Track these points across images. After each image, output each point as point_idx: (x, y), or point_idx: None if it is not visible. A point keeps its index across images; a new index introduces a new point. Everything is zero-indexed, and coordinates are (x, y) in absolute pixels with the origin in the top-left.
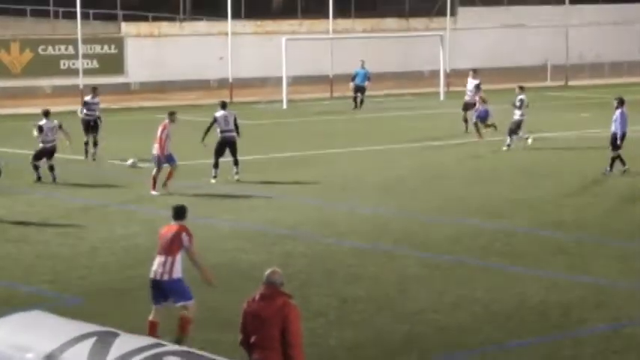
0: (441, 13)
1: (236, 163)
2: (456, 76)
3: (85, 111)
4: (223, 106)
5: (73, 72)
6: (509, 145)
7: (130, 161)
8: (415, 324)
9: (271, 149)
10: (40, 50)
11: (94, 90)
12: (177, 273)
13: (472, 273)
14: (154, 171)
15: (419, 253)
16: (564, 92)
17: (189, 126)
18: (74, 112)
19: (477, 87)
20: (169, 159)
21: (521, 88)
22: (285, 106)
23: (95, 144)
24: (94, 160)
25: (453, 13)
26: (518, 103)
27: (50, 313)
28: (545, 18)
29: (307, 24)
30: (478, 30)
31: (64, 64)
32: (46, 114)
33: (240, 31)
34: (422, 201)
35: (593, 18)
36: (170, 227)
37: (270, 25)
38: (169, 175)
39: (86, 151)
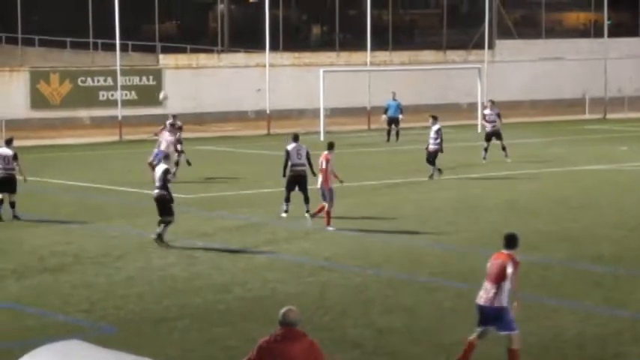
0: (479, 45)
1: (306, 200)
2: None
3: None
4: (295, 138)
5: (111, 103)
6: (431, 176)
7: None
8: (451, 356)
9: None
10: (79, 81)
11: (174, 117)
12: (503, 302)
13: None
14: (327, 205)
15: (455, 284)
16: (602, 125)
17: (228, 156)
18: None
19: (499, 115)
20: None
21: (435, 118)
22: (322, 138)
23: (176, 164)
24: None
25: (491, 46)
26: (434, 135)
27: (86, 342)
28: (583, 51)
29: (345, 56)
30: (516, 63)
31: (103, 96)
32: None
33: (278, 63)
34: (458, 232)
35: (632, 51)
36: (499, 255)
37: (308, 57)
38: (323, 212)
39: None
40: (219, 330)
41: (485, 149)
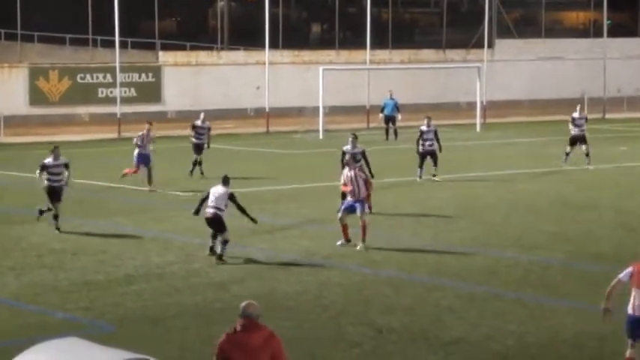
0: (479, 44)
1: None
2: (493, 107)
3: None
4: (355, 138)
5: (110, 100)
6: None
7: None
8: (449, 355)
9: (307, 179)
10: (78, 78)
11: (204, 115)
12: None
13: (507, 305)
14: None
15: (454, 284)
16: (602, 125)
17: (227, 154)
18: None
19: (586, 120)
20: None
21: (429, 118)
22: (321, 136)
23: (200, 163)
24: (201, 173)
25: (491, 45)
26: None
27: (85, 339)
28: (582, 51)
29: (344, 54)
30: (515, 62)
31: (102, 92)
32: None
33: (277, 61)
34: (457, 232)
35: (631, 51)
36: None
37: (307, 55)
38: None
39: (192, 171)
40: (217, 328)
41: (567, 153)
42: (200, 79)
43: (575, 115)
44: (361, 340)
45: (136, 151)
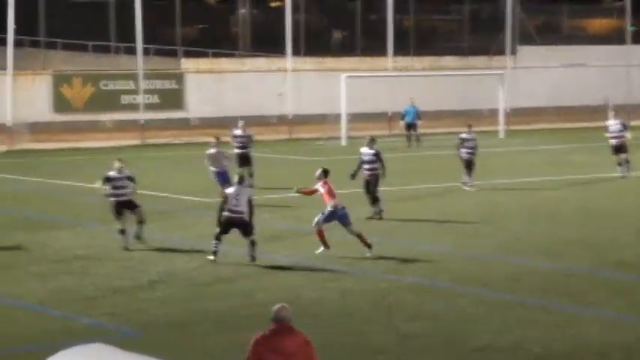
0: (501, 51)
1: (375, 200)
2: (516, 114)
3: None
4: (372, 141)
5: (133, 107)
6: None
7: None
8: None
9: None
10: (101, 85)
11: (242, 123)
12: None
13: (531, 312)
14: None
15: (478, 291)
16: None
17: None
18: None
19: (624, 126)
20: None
21: (470, 126)
22: (344, 143)
23: (251, 175)
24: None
25: (513, 52)
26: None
27: (110, 345)
28: (605, 58)
29: (367, 61)
30: (538, 69)
31: (125, 99)
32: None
33: (299, 68)
34: (480, 239)
35: None
36: None
37: (329, 62)
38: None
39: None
40: (241, 335)
41: (620, 164)
42: (222, 86)
43: (610, 122)
44: (386, 347)
45: (212, 169)
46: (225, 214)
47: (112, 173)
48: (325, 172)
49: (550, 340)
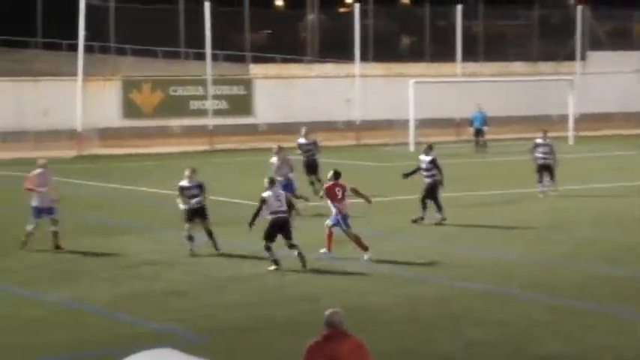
0: (570, 57)
1: (438, 207)
2: (585, 120)
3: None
4: (430, 148)
5: (202, 112)
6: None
7: None
8: None
9: (396, 191)
10: (170, 91)
11: (305, 129)
12: None
13: (600, 319)
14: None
15: (546, 297)
16: None
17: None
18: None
19: None
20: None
21: (546, 131)
22: (411, 149)
23: (319, 180)
24: (321, 197)
25: (583, 58)
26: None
27: (178, 350)
28: None
29: (435, 67)
30: (608, 75)
31: (194, 105)
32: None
33: (368, 74)
34: (548, 245)
35: None
36: None
37: (398, 67)
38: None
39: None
40: (307, 341)
41: None
42: (290, 92)
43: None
44: (452, 354)
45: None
46: (270, 216)
47: (184, 183)
48: (337, 174)
49: (620, 348)
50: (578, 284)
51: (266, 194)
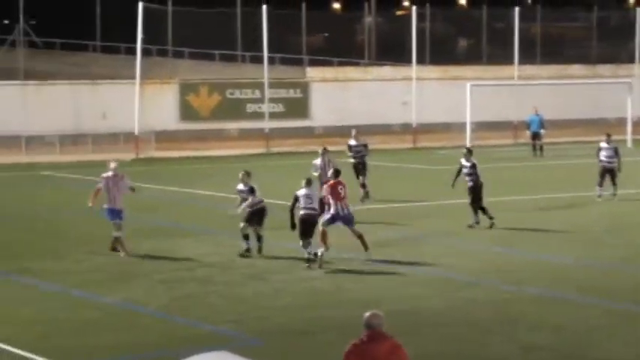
0: (630, 59)
1: (483, 210)
2: None
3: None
4: (469, 152)
5: (259, 115)
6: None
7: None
8: None
9: (452, 195)
10: (227, 94)
11: (355, 131)
12: None
13: None
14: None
15: (602, 302)
16: None
17: (372, 170)
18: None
19: None
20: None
21: (609, 135)
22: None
23: (363, 185)
24: (366, 199)
25: None
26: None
27: (234, 353)
28: None
29: (492, 70)
30: None
31: (250, 108)
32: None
33: (424, 77)
34: (605, 250)
35: None
36: None
37: (454, 70)
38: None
39: (366, 193)
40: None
41: None
42: (347, 95)
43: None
44: (507, 358)
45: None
46: (302, 212)
47: (240, 186)
48: (337, 172)
49: None
50: (635, 288)
51: (299, 192)
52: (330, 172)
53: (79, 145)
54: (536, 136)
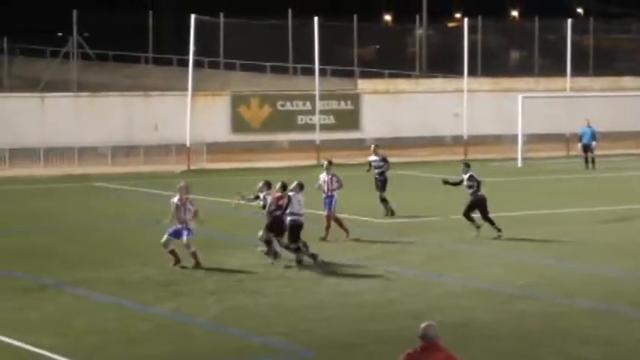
0: None
1: (490, 222)
2: None
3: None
4: (467, 166)
5: (309, 127)
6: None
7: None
8: None
9: (505, 207)
10: (278, 106)
11: (374, 146)
12: None
13: None
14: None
15: None
16: None
17: (418, 181)
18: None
19: None
20: None
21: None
22: (520, 164)
23: (383, 200)
24: (390, 215)
25: None
26: None
27: None
28: None
29: (543, 81)
30: None
31: (301, 120)
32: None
33: (475, 88)
34: None
35: None
36: None
37: (506, 82)
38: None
39: (389, 209)
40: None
41: None
42: (398, 107)
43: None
44: None
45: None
46: (291, 218)
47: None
48: (284, 187)
49: None
50: None
51: (292, 194)
52: (333, 186)
53: (131, 157)
54: (587, 148)
